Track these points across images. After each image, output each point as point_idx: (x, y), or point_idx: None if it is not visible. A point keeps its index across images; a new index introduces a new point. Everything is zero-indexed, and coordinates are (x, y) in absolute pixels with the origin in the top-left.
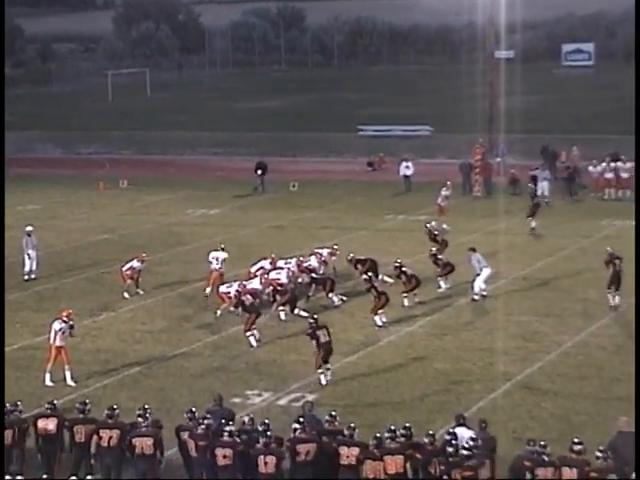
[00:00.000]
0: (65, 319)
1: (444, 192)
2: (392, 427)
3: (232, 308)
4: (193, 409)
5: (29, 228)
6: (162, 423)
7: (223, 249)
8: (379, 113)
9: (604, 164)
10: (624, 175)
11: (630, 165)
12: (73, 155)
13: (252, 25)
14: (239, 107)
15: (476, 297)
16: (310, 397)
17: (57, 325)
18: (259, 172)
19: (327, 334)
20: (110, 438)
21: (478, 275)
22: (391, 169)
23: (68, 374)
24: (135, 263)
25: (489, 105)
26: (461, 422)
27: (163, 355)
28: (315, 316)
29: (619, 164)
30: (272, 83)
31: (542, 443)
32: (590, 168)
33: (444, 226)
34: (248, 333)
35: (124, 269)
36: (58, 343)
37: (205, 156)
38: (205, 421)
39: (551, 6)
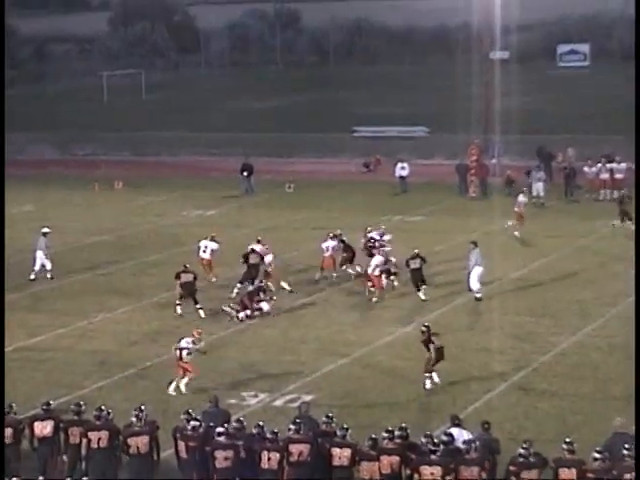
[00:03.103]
0: (195, 339)
1: (521, 198)
2: (389, 427)
3: (226, 308)
4: (190, 410)
5: (45, 230)
6: (158, 424)
7: (214, 238)
8: (375, 114)
9: (599, 165)
10: (619, 176)
11: (625, 165)
12: (68, 156)
13: (248, 26)
14: (235, 107)
15: (478, 295)
16: (306, 398)
17: (184, 343)
18: (245, 174)
19: (439, 340)
20: (99, 439)
21: (469, 273)
22: (387, 170)
23: (183, 383)
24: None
25: (485, 106)
26: (456, 422)
27: (158, 357)
28: (427, 323)
29: (614, 165)
30: (268, 84)
31: (524, 445)
32: (585, 169)
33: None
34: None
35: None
36: (184, 360)
37: (201, 157)
38: (191, 422)
39: (546, 7)
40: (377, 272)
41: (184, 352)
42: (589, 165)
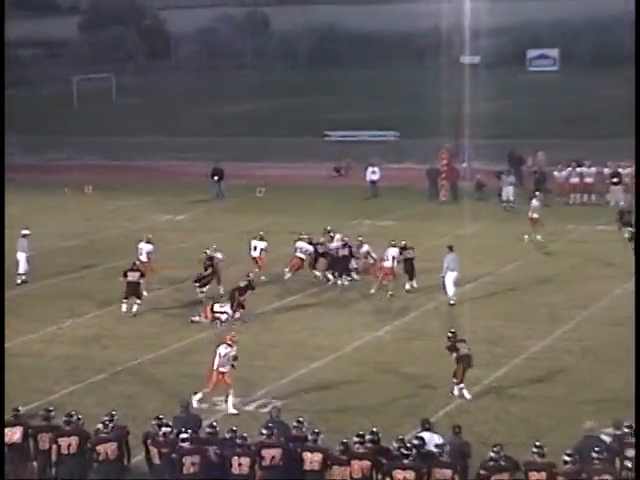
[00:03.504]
0: (230, 342)
1: (534, 203)
2: (360, 432)
3: (197, 318)
4: (160, 416)
5: (25, 231)
6: (129, 429)
7: (149, 240)
8: (346, 118)
9: (569, 169)
10: (588, 180)
11: (594, 170)
12: (38, 161)
13: (218, 30)
14: (206, 112)
15: (452, 301)
16: (277, 403)
17: (222, 350)
18: (215, 178)
19: (466, 346)
20: (69, 445)
21: (444, 277)
22: (358, 174)
23: (231, 400)
24: None
25: (455, 110)
26: (427, 427)
27: (130, 361)
28: (453, 329)
29: (584, 169)
30: (239, 88)
31: (495, 449)
32: (555, 173)
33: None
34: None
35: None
36: (222, 369)
37: (171, 161)
38: (163, 428)
39: (515, 12)
40: (395, 264)
41: (225, 360)
42: (559, 169)
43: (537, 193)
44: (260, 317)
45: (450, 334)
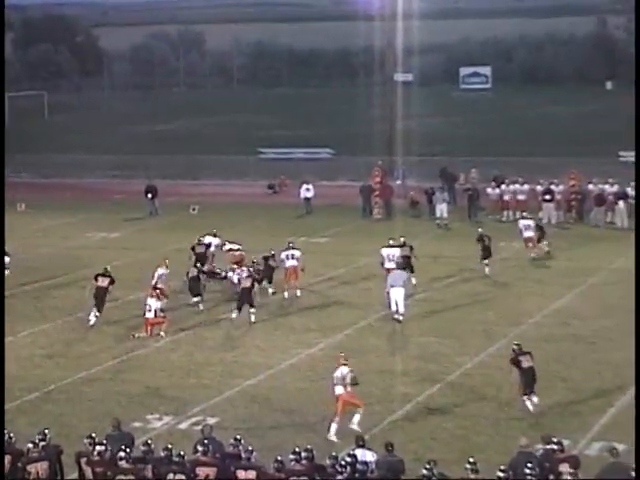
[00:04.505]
0: (345, 362)
1: (523, 222)
2: (296, 449)
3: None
4: (93, 434)
5: None
6: (62, 448)
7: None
8: (279, 136)
9: (503, 186)
10: (521, 197)
11: (527, 187)
12: None
13: (151, 48)
14: (139, 130)
15: (395, 317)
16: (211, 420)
17: (340, 372)
18: (149, 196)
19: (530, 359)
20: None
21: (387, 293)
22: (292, 192)
23: (357, 417)
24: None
25: (388, 128)
26: (360, 444)
27: (62, 380)
28: (517, 342)
29: (517, 186)
30: (172, 106)
31: (427, 466)
32: (489, 190)
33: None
34: None
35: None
36: (344, 392)
37: (104, 179)
38: (97, 447)
39: (449, 30)
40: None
41: (342, 380)
42: (492, 187)
43: (524, 213)
44: (193, 336)
45: (515, 346)
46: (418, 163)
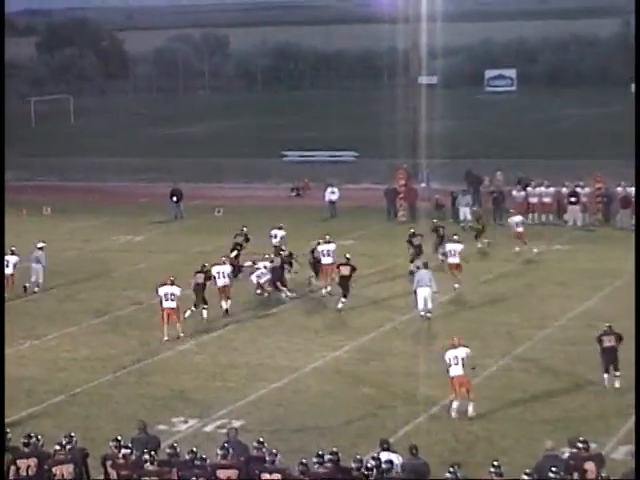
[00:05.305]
0: (457, 344)
1: (514, 219)
2: (320, 452)
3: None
4: (119, 437)
5: (41, 244)
6: (88, 451)
7: (13, 252)
8: (304, 138)
9: (528, 189)
10: (547, 200)
11: (553, 190)
12: None
13: (175, 51)
14: (163, 133)
15: (423, 314)
16: (236, 423)
17: (456, 352)
18: (174, 199)
19: (613, 340)
20: (28, 467)
21: (415, 292)
22: (315, 194)
23: (471, 405)
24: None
25: (412, 131)
26: (385, 447)
27: (88, 383)
28: (609, 324)
29: (542, 189)
30: (196, 109)
31: (451, 469)
32: (514, 193)
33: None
34: None
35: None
36: (461, 373)
37: (129, 182)
38: (123, 450)
39: (472, 32)
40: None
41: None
42: (517, 189)
43: (512, 210)
44: (218, 338)
45: (606, 327)
46: (442, 166)
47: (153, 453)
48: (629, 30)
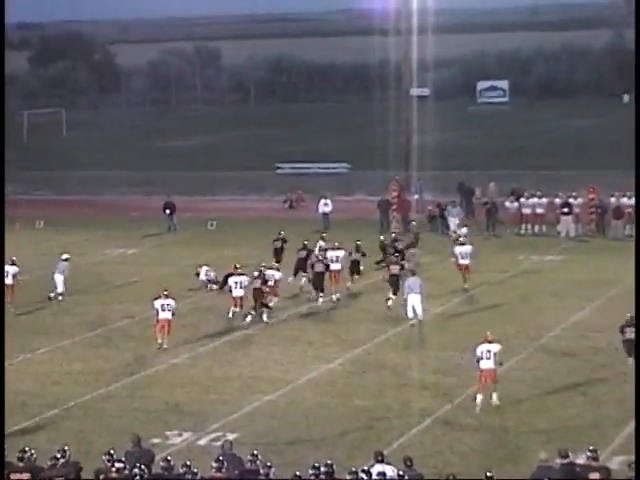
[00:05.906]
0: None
1: (461, 249)
2: (316, 464)
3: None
4: (112, 451)
5: (65, 255)
6: (81, 465)
7: (14, 262)
8: (296, 151)
9: (521, 200)
10: (539, 210)
11: (546, 200)
12: None
13: (169, 64)
14: (156, 146)
15: (413, 323)
16: (230, 436)
17: (489, 347)
18: (167, 212)
19: (632, 332)
20: None
21: (405, 299)
22: (309, 207)
23: (495, 395)
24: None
25: (405, 142)
26: (379, 459)
27: (81, 396)
28: (630, 314)
29: (535, 200)
30: (189, 122)
31: (450, 478)
32: (507, 204)
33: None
34: None
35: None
36: (492, 367)
37: (122, 196)
38: (116, 464)
39: (464, 44)
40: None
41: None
42: (510, 200)
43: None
44: (211, 351)
45: (628, 318)
46: (435, 177)
47: (144, 468)
48: (621, 41)
